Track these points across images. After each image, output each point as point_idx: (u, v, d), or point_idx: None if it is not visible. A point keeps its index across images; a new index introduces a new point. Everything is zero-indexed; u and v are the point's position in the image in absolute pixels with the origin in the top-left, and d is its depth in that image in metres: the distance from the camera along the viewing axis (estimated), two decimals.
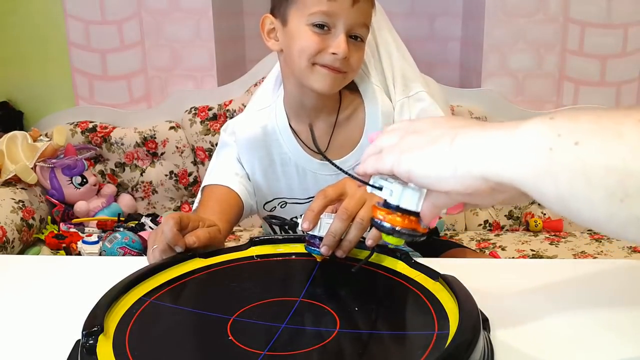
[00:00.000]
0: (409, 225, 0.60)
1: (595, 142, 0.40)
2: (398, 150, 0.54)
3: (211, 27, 2.17)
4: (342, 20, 0.99)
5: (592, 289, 0.84)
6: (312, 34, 1.00)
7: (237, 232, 2.16)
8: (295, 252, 0.88)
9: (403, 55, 1.17)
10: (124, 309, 0.72)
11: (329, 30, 1.00)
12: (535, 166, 0.44)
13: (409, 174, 0.53)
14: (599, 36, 2.05)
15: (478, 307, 0.66)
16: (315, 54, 1.01)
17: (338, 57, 1.00)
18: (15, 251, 1.79)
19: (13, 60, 2.32)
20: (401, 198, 0.59)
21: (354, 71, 1.05)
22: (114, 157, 2.21)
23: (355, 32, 1.01)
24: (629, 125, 0.39)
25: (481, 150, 0.47)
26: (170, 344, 0.68)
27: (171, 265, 0.82)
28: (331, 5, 0.98)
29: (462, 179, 0.49)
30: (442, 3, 2.32)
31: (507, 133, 0.46)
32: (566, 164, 0.41)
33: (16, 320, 0.78)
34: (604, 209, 0.40)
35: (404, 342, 0.65)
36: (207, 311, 0.72)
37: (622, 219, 0.39)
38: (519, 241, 2.00)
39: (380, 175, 0.61)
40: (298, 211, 1.17)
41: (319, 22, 0.99)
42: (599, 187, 0.39)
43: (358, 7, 0.99)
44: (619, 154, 0.39)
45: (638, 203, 0.38)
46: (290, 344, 0.64)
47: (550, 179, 0.42)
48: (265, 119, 1.15)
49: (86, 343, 0.63)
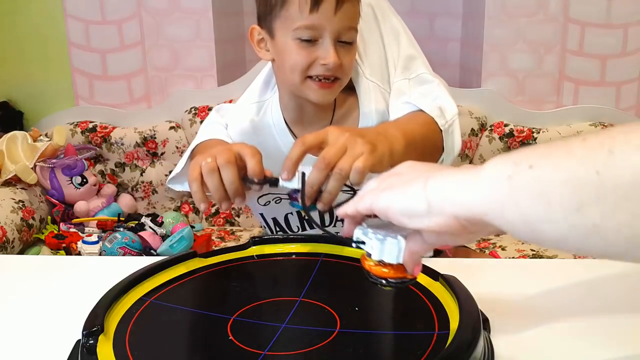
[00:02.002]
0: (396, 274, 0.63)
1: (548, 162, 0.43)
2: (378, 190, 0.58)
3: (211, 27, 2.17)
4: (328, 30, 0.98)
5: (592, 289, 0.84)
6: (300, 48, 0.99)
7: (237, 232, 2.16)
8: (296, 252, 0.88)
9: (411, 42, 1.16)
10: (124, 309, 0.72)
11: (316, 41, 0.99)
12: (498, 196, 0.46)
13: (387, 210, 0.56)
14: (599, 36, 2.05)
15: (478, 307, 0.66)
16: (307, 68, 1.00)
17: (329, 67, 0.99)
18: (15, 251, 1.79)
19: (13, 60, 2.33)
20: (382, 252, 0.62)
21: (348, 75, 1.04)
22: (114, 157, 2.21)
23: (343, 38, 1.00)
24: (576, 143, 0.42)
25: (451, 190, 0.51)
26: (170, 344, 0.68)
27: (170, 266, 0.82)
28: (314, 18, 0.97)
29: (436, 217, 0.52)
30: (442, 3, 2.32)
31: (473, 173, 0.49)
32: (525, 187, 0.44)
33: (16, 320, 0.78)
34: (564, 222, 0.42)
35: (404, 342, 0.65)
36: (207, 311, 0.72)
37: (582, 229, 0.41)
38: (519, 241, 2.00)
39: (363, 230, 0.64)
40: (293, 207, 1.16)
41: (304, 37, 0.99)
42: (557, 202, 0.42)
43: (341, 13, 0.97)
44: (569, 167, 0.41)
45: (593, 210, 0.40)
46: (291, 344, 0.64)
47: (513, 205, 0.45)
48: (261, 112, 1.14)
49: (86, 343, 0.63)
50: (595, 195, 0.40)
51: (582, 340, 0.70)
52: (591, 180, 0.40)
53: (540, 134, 2.04)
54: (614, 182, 0.39)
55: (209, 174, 0.80)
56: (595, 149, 0.40)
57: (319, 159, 0.78)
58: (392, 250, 0.61)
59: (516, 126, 2.05)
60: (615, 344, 0.69)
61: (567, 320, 0.74)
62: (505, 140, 2.04)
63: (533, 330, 0.71)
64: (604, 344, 0.69)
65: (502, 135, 2.04)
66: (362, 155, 0.77)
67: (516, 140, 2.04)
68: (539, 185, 0.43)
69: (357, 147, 0.78)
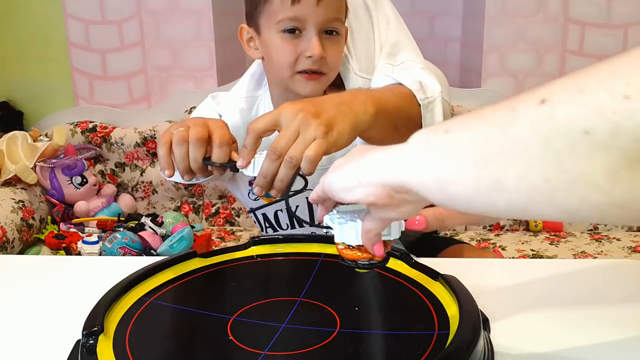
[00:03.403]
0: (364, 256, 0.65)
1: (461, 126, 0.46)
2: (328, 172, 0.61)
3: (211, 27, 2.17)
4: (311, 21, 0.97)
5: (592, 289, 0.84)
6: (285, 42, 0.99)
7: (237, 232, 2.16)
8: (296, 252, 0.88)
9: (401, 28, 1.16)
10: (124, 309, 0.72)
11: (301, 33, 0.99)
12: (417, 161, 0.49)
13: (330, 188, 0.59)
14: (599, 36, 2.05)
15: (478, 307, 0.66)
16: (294, 63, 1.00)
17: (314, 59, 0.98)
18: (15, 251, 1.79)
19: (13, 60, 2.33)
20: (342, 235, 0.64)
21: (334, 70, 1.03)
22: (114, 157, 2.21)
23: (329, 28, 0.99)
24: (488, 108, 0.44)
25: (380, 160, 0.54)
26: (170, 344, 0.68)
27: (170, 265, 0.82)
28: (296, 9, 0.96)
29: (365, 187, 0.54)
30: (442, 3, 2.32)
31: (402, 144, 0.51)
32: (440, 151, 0.46)
33: (16, 320, 0.78)
34: (471, 180, 0.44)
35: (404, 342, 0.65)
36: (207, 311, 0.72)
37: (488, 185, 0.43)
38: (519, 241, 2.00)
39: (331, 216, 0.66)
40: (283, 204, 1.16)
41: (288, 28, 0.98)
42: (465, 161, 0.44)
43: (324, 4, 0.96)
44: (478, 127, 0.43)
45: (496, 165, 0.42)
46: (291, 344, 0.64)
47: (429, 168, 0.47)
48: (252, 108, 1.15)
49: (86, 343, 0.63)
50: (498, 150, 0.42)
51: (582, 340, 0.70)
52: (495, 137, 0.42)
53: None
54: (514, 136, 0.40)
55: (178, 144, 0.82)
56: (502, 109, 0.43)
57: (270, 149, 0.77)
58: (350, 232, 0.63)
59: None
60: (616, 344, 0.70)
61: (568, 320, 0.74)
62: None
63: (533, 331, 0.71)
64: (605, 343, 0.69)
65: None
66: (315, 141, 0.76)
67: None
68: (452, 147, 0.45)
69: (310, 131, 0.77)
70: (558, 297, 0.80)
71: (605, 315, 0.76)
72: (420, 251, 1.27)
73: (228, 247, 0.89)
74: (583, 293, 0.82)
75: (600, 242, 1.99)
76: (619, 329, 0.73)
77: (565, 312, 0.76)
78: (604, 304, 0.79)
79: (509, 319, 0.74)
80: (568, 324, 0.73)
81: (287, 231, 1.19)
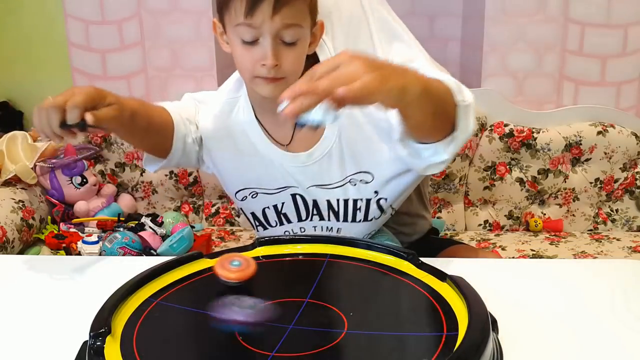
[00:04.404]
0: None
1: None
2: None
3: (211, 27, 2.16)
4: (266, 31, 0.98)
5: (592, 289, 0.84)
6: (243, 48, 1.01)
7: (237, 232, 2.16)
8: (302, 253, 0.88)
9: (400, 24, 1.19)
10: (131, 310, 0.72)
11: (257, 41, 1.00)
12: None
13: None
14: (599, 36, 2.05)
15: (487, 308, 0.66)
16: (252, 69, 1.01)
17: (268, 68, 0.99)
18: (15, 251, 1.79)
19: (13, 60, 2.32)
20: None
21: (293, 74, 1.03)
22: (114, 157, 2.20)
23: (284, 38, 1.00)
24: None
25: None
26: (177, 345, 0.68)
27: (177, 266, 0.82)
28: (250, 20, 0.97)
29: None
30: (442, 3, 2.32)
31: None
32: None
33: (19, 321, 0.78)
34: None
35: (413, 343, 0.65)
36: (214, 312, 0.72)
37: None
38: (519, 241, 2.00)
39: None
40: (270, 201, 1.18)
41: (243, 37, 1.00)
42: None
43: (279, 15, 0.97)
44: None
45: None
46: (299, 346, 0.64)
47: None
48: (232, 110, 1.17)
49: (94, 344, 0.63)
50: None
51: (590, 343, 0.70)
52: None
53: (540, 134, 2.04)
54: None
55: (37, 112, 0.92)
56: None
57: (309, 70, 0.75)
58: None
59: (516, 126, 2.05)
60: (617, 344, 0.70)
61: (576, 322, 0.74)
62: (505, 140, 2.04)
63: (542, 332, 0.71)
64: (605, 343, 0.70)
65: (502, 135, 2.04)
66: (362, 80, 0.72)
67: (516, 140, 2.04)
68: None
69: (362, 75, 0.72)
70: (566, 299, 0.80)
71: (605, 316, 0.76)
72: (418, 252, 1.27)
73: (234, 248, 0.89)
74: (583, 293, 0.82)
75: (600, 242, 2.00)
76: (619, 329, 0.73)
77: (574, 314, 0.76)
78: (604, 304, 0.79)
79: (518, 320, 0.74)
80: (577, 326, 0.73)
81: (276, 228, 1.19)
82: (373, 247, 0.86)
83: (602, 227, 2.11)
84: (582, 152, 2.04)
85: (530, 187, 2.08)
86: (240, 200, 1.21)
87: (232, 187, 1.21)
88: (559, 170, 2.06)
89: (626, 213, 2.10)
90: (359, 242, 0.88)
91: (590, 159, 2.05)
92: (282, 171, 1.14)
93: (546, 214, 2.12)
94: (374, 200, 1.13)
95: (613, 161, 2.05)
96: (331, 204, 1.14)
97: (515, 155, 2.07)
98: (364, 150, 1.11)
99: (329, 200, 1.14)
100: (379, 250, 0.85)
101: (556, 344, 0.69)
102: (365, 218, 1.15)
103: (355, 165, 1.11)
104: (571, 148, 2.03)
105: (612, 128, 2.03)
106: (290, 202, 1.16)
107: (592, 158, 2.05)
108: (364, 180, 1.12)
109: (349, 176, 1.12)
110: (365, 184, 1.12)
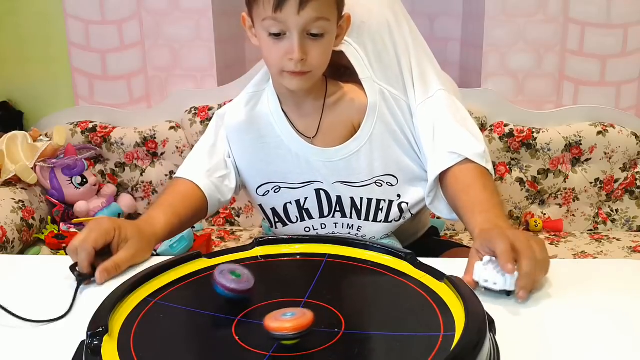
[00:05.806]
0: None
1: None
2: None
3: (211, 27, 2.16)
4: (293, 25, 1.00)
5: (592, 289, 0.84)
6: (270, 42, 1.03)
7: (237, 232, 2.16)
8: (300, 253, 0.88)
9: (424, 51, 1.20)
10: (129, 309, 0.72)
11: (285, 35, 1.01)
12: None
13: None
14: (599, 36, 2.05)
15: (484, 308, 0.66)
16: (279, 62, 1.03)
17: (295, 62, 1.01)
18: (15, 251, 1.79)
19: (13, 60, 2.32)
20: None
21: (318, 68, 1.06)
22: (114, 157, 2.20)
23: (311, 31, 1.01)
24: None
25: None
26: (175, 344, 0.68)
27: (175, 266, 0.82)
28: (277, 15, 0.99)
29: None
30: (442, 3, 2.32)
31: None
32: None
33: (18, 321, 0.78)
34: None
35: (410, 343, 0.65)
36: (212, 312, 0.72)
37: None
38: None
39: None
40: (293, 196, 1.18)
41: (270, 31, 1.02)
42: None
43: (305, 11, 0.99)
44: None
45: None
46: (296, 345, 0.64)
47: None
48: (258, 102, 1.18)
49: (91, 344, 0.63)
50: None
51: (584, 340, 0.70)
52: None
53: (540, 134, 2.04)
54: None
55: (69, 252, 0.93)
56: None
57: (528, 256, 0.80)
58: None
59: (516, 126, 2.05)
60: (617, 344, 0.70)
61: (574, 321, 0.74)
62: (505, 141, 2.04)
63: (540, 333, 0.71)
64: (605, 343, 0.69)
65: (502, 135, 2.04)
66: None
67: (516, 140, 2.04)
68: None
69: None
70: (564, 298, 0.80)
71: (605, 315, 0.76)
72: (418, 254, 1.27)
73: (232, 248, 0.89)
74: (583, 293, 0.82)
75: (600, 242, 1.99)
76: (619, 329, 0.73)
77: (571, 314, 0.76)
78: (604, 304, 0.79)
79: (515, 320, 0.74)
80: (574, 325, 0.73)
81: (296, 224, 1.20)
82: (371, 247, 0.86)
83: (602, 227, 2.11)
84: (582, 152, 2.04)
85: (530, 187, 2.08)
86: (261, 196, 1.21)
87: (253, 182, 1.21)
88: (559, 170, 2.06)
89: (626, 213, 2.10)
90: (356, 242, 0.88)
91: (590, 159, 2.05)
92: (308, 165, 1.15)
93: (546, 214, 2.12)
94: (396, 203, 1.16)
95: (613, 161, 2.05)
96: (355, 202, 1.16)
97: (515, 155, 2.06)
98: (394, 154, 1.14)
99: (353, 198, 1.16)
100: (377, 250, 0.85)
101: (555, 344, 0.69)
102: (386, 219, 1.17)
103: (383, 167, 1.14)
104: (571, 148, 2.03)
105: (612, 128, 2.03)
106: (314, 197, 1.17)
107: (592, 158, 2.05)
108: (390, 183, 1.15)
109: (377, 177, 1.14)
110: (390, 187, 1.16)
